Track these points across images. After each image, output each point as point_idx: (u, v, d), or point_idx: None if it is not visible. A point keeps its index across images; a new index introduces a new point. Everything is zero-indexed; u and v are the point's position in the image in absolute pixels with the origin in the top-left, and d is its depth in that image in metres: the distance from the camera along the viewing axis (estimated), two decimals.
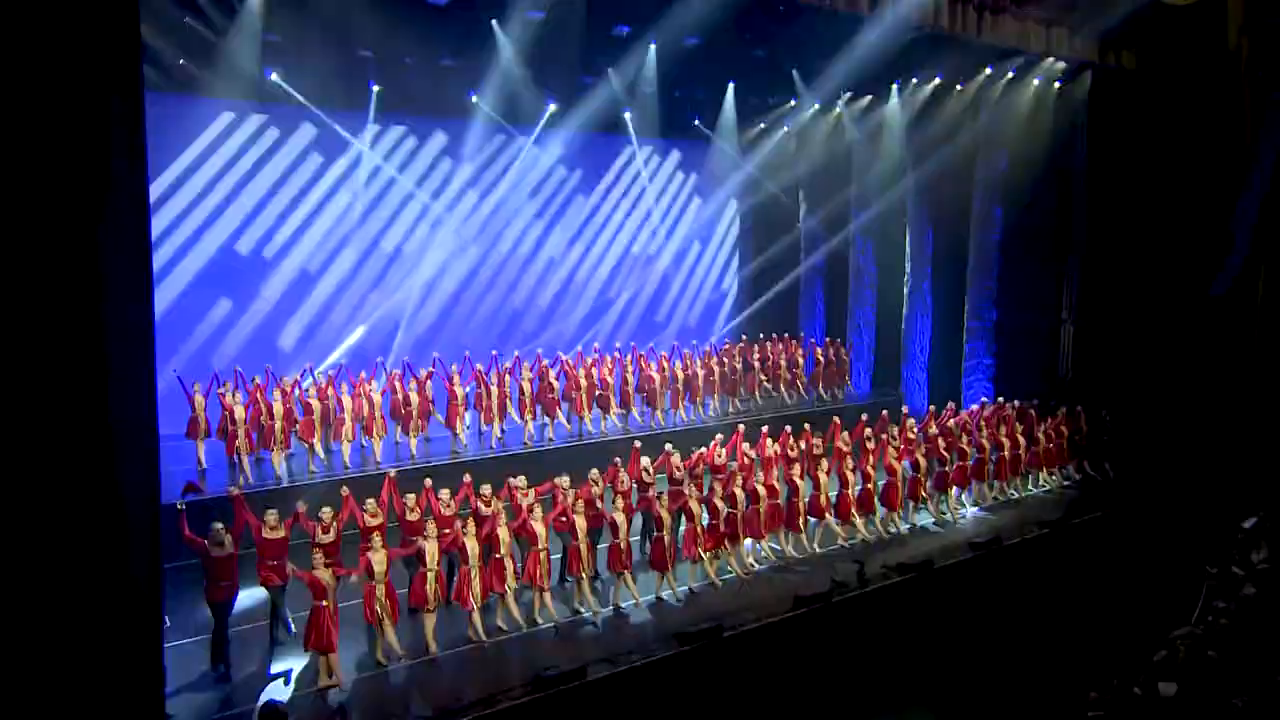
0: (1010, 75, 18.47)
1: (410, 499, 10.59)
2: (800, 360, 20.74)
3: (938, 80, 19.50)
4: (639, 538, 12.16)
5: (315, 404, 13.73)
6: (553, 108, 19.53)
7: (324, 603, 8.86)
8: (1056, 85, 18.90)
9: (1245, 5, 17.31)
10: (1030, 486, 16.64)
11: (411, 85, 17.26)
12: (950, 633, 12.58)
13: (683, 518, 11.53)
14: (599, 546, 11.30)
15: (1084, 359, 19.93)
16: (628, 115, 20.68)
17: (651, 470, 12.53)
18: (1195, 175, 17.73)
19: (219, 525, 9.40)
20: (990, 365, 20.71)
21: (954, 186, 20.58)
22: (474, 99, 18.44)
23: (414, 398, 14.66)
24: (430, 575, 9.66)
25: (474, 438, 16.00)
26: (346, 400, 14.09)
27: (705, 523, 11.44)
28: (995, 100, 19.31)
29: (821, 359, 20.91)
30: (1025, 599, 13.87)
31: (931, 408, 16.84)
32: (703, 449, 13.41)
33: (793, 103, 21.91)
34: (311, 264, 18.51)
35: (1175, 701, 10.58)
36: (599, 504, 11.25)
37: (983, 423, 16.17)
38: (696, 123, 22.08)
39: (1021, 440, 16.12)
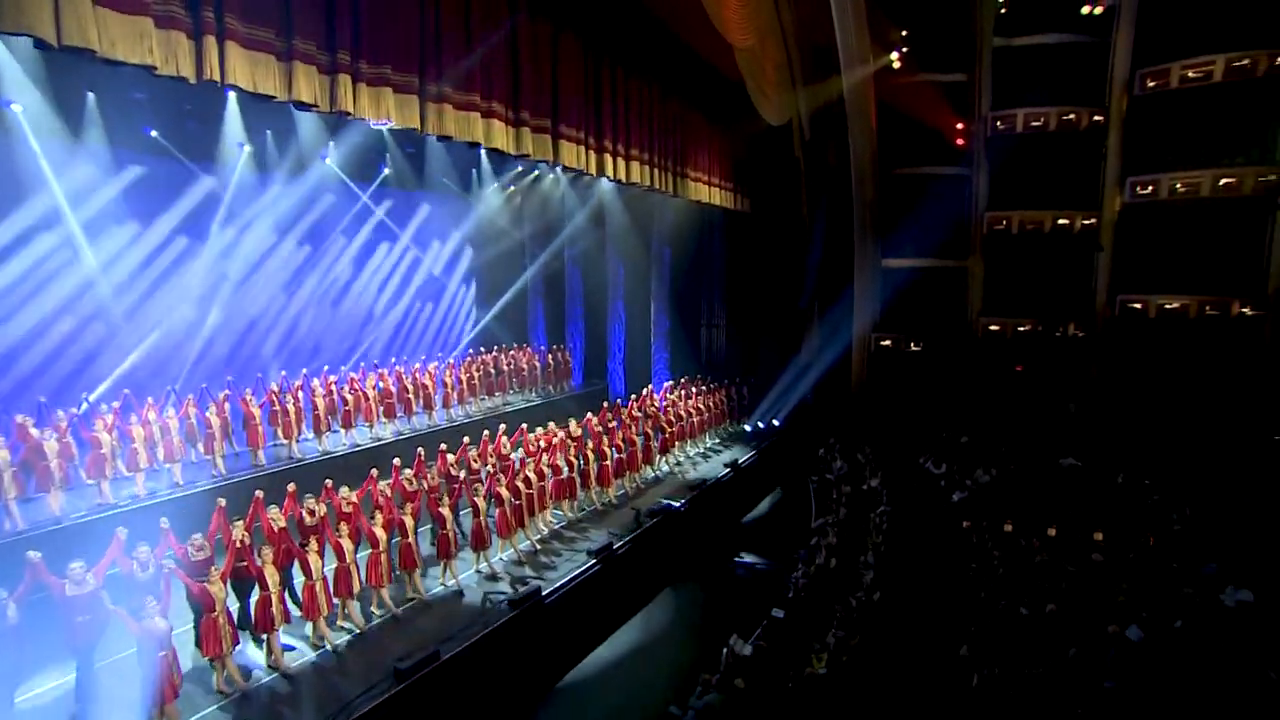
0: None
1: (239, 524, 7.94)
2: (536, 363, 19.85)
3: None
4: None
5: (104, 437, 9.87)
6: (328, 160, 16.30)
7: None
8: None
9: (799, 132, 20.13)
10: (707, 441, 17.53)
11: (190, 131, 13.28)
12: (692, 544, 12.77)
13: (492, 501, 10.21)
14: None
15: (720, 350, 21.80)
16: (387, 171, 18.08)
17: (454, 464, 10.97)
18: (787, 237, 20.63)
19: (76, 565, 6.43)
20: (666, 359, 21.69)
21: (638, 233, 21.08)
22: (245, 148, 14.74)
23: (214, 420, 11.28)
24: (273, 596, 7.37)
25: (270, 452, 12.61)
26: (137, 430, 10.40)
27: (510, 503, 10.22)
28: None
29: (551, 361, 20.23)
30: (726, 515, 14.57)
31: (643, 391, 16.95)
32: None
33: (519, 168, 20.79)
34: (89, 295, 12.69)
35: (834, 570, 11.61)
36: (418, 500, 9.50)
37: (677, 399, 16.67)
38: (444, 180, 20.01)
39: (702, 409, 16.88)
